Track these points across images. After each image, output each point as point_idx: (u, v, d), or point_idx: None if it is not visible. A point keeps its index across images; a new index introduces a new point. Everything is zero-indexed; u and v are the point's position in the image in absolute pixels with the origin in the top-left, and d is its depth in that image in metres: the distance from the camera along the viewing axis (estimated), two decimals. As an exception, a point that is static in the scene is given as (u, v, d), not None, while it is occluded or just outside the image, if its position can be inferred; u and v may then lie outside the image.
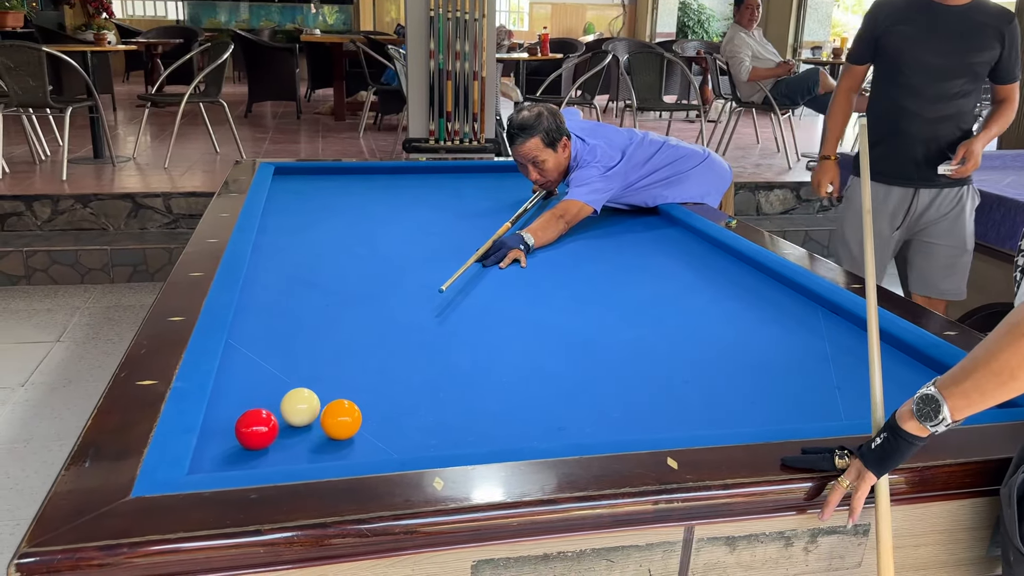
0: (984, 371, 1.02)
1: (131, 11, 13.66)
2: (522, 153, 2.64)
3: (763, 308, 1.95)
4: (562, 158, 2.67)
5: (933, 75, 2.54)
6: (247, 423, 1.23)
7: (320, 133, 7.65)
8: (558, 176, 2.73)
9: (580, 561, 1.09)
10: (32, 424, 3.08)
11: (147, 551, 0.96)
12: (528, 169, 2.69)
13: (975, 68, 2.55)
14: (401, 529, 1.03)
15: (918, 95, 2.56)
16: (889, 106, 2.63)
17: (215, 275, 1.93)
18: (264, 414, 1.24)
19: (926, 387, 1.08)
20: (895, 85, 2.61)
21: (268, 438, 1.24)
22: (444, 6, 4.67)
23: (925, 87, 2.55)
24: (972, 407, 1.05)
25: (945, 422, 1.06)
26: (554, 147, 2.63)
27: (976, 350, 1.05)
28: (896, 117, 2.61)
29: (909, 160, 2.62)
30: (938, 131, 2.59)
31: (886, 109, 2.64)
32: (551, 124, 2.61)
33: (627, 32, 13.98)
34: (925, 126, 2.59)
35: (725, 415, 1.41)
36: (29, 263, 4.63)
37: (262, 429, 1.23)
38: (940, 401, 1.06)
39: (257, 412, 1.24)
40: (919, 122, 2.58)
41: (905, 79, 2.58)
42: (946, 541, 1.21)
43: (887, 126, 2.63)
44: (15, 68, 5.21)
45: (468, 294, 2.01)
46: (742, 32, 6.43)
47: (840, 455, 1.14)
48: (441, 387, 1.49)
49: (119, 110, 8.82)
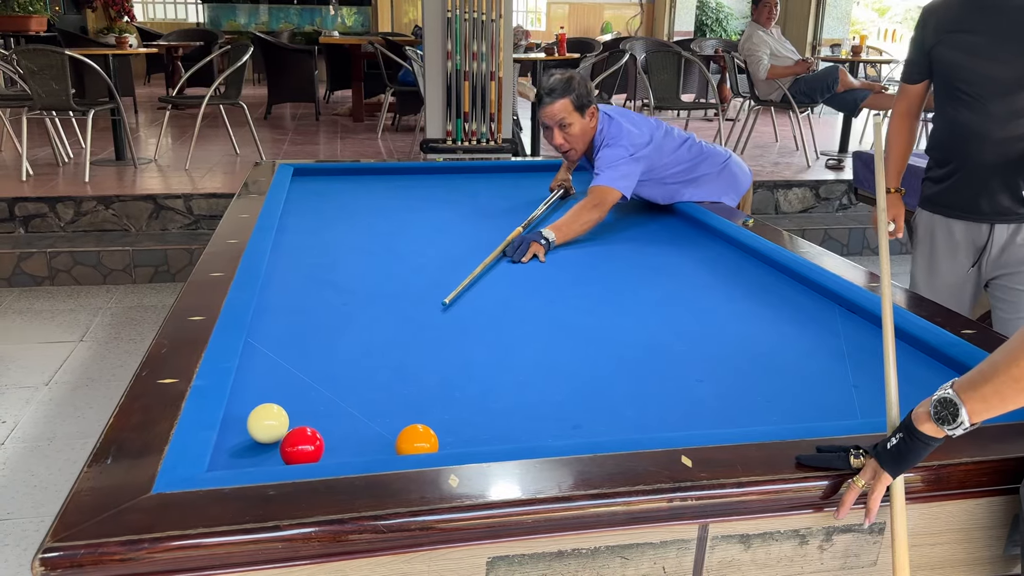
0: (1004, 376, 1.02)
1: (151, 14, 13.80)
2: (550, 114, 2.64)
3: (780, 307, 1.95)
4: (589, 126, 2.67)
5: (1001, 88, 2.14)
6: (292, 442, 1.21)
7: (339, 134, 7.69)
8: (582, 146, 2.71)
9: (595, 558, 1.10)
10: (55, 423, 3.12)
11: (168, 546, 0.98)
12: (553, 133, 2.67)
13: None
14: (417, 525, 1.04)
15: (984, 113, 2.18)
16: (950, 129, 2.26)
17: (235, 275, 1.95)
18: (309, 432, 1.23)
19: (943, 389, 1.08)
20: (955, 104, 2.24)
21: (315, 456, 1.21)
22: (461, 7, 4.69)
23: (992, 104, 2.16)
24: (991, 411, 1.05)
25: (963, 426, 1.06)
26: (582, 112, 2.63)
27: (996, 354, 1.04)
28: (960, 142, 2.24)
29: (978, 190, 2.23)
30: (1010, 154, 2.17)
31: (947, 133, 2.28)
32: (582, 89, 2.62)
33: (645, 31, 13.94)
34: (995, 149, 2.18)
35: (740, 413, 1.41)
36: (52, 264, 4.69)
37: (308, 448, 1.21)
38: (959, 405, 1.05)
39: (303, 431, 1.23)
40: (987, 145, 2.18)
41: (966, 96, 2.20)
42: (963, 540, 1.21)
43: (950, 153, 2.28)
44: (39, 71, 5.28)
45: (483, 293, 2.02)
46: (760, 30, 6.41)
47: (855, 454, 1.14)
48: (456, 385, 1.50)
49: (140, 112, 8.91)
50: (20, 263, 4.66)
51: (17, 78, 5.84)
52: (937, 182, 2.32)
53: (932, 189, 2.34)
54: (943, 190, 2.30)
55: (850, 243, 5.53)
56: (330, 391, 1.45)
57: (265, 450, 1.25)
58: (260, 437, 1.25)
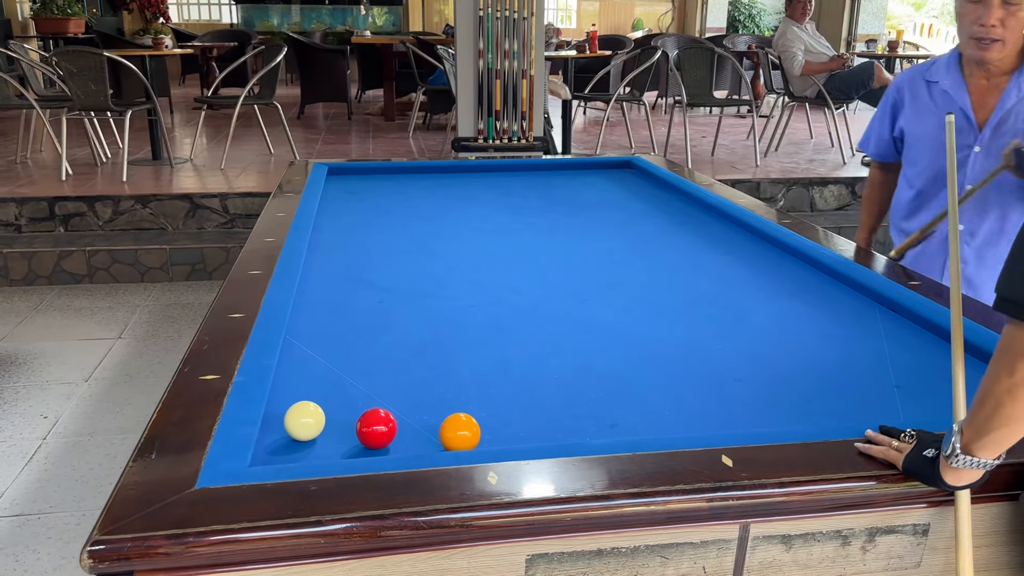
0: (987, 402, 1.03)
1: (186, 15, 13.98)
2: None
3: (819, 305, 1.93)
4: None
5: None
6: (368, 423, 1.24)
7: (370, 133, 7.74)
8: (1014, 44, 2.09)
9: (634, 557, 1.09)
10: (95, 418, 3.18)
11: (212, 540, 0.99)
12: (991, 9, 2.02)
13: None
14: (456, 522, 1.04)
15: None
16: None
17: (273, 273, 1.97)
18: (383, 413, 1.26)
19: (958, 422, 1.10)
20: None
21: (389, 437, 1.25)
22: (493, 5, 4.69)
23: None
24: (987, 442, 1.04)
25: (956, 454, 1.06)
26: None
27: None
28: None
29: None
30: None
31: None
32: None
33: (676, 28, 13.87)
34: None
35: (779, 413, 1.40)
36: (91, 262, 4.78)
37: (382, 428, 1.24)
38: (953, 432, 1.07)
39: (376, 412, 1.26)
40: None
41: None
42: (1008, 543, 1.19)
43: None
44: (78, 73, 5.38)
45: (517, 291, 2.02)
46: (794, 26, 6.35)
47: (907, 436, 1.16)
48: (492, 383, 1.50)
49: (176, 112, 9.03)
50: (60, 261, 4.75)
51: (57, 79, 5.95)
52: None
53: None
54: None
55: (886, 241, 5.45)
56: (368, 388, 1.46)
57: (305, 446, 1.26)
58: (297, 434, 1.27)
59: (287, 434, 1.28)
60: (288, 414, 1.28)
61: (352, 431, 1.28)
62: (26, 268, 4.73)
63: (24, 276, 4.73)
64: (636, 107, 9.39)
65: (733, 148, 7.11)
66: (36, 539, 2.47)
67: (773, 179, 5.80)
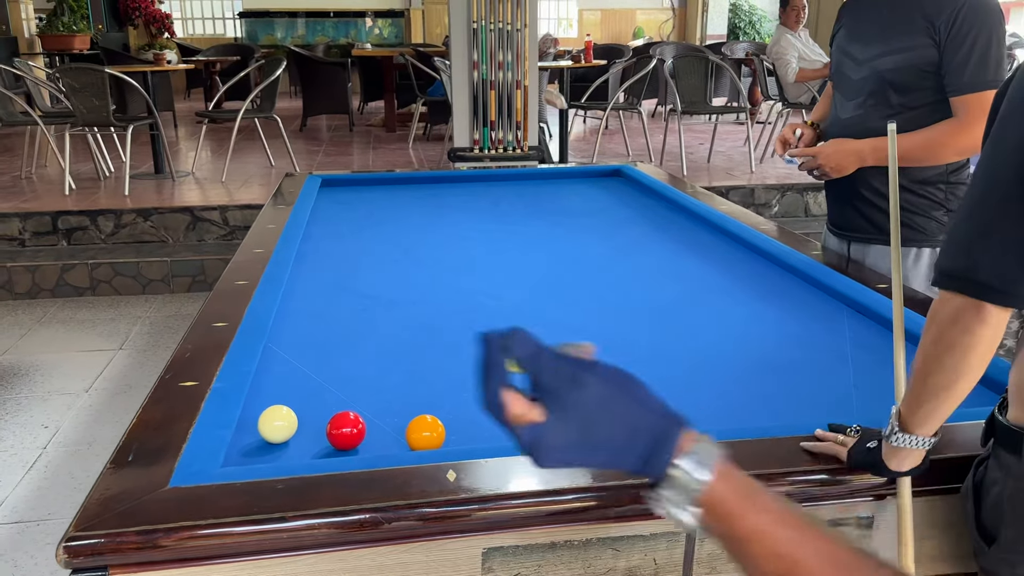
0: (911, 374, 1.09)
1: (191, 30, 14.11)
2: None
3: (788, 308, 1.97)
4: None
5: (849, 91, 2.13)
6: (337, 425, 1.30)
7: (371, 144, 7.82)
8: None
9: (587, 550, 1.14)
10: (95, 428, 3.24)
11: (180, 536, 1.04)
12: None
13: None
14: (416, 517, 1.10)
15: (837, 120, 2.19)
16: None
17: (259, 283, 2.03)
18: (352, 416, 1.31)
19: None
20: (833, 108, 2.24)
21: (357, 439, 1.30)
22: (487, 17, 4.76)
23: (843, 109, 2.16)
24: (921, 417, 1.09)
25: (896, 432, 1.11)
26: None
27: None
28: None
29: (836, 203, 2.27)
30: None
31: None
32: None
33: (677, 35, 13.93)
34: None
35: (736, 412, 1.45)
36: (94, 275, 4.85)
37: (350, 431, 1.30)
38: (892, 413, 1.12)
39: (345, 415, 1.32)
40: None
41: (836, 100, 2.22)
42: (951, 535, 1.23)
43: None
44: (80, 89, 5.47)
45: (496, 297, 2.08)
46: (788, 34, 6.40)
47: (851, 431, 1.22)
48: (465, 387, 1.55)
49: (180, 126, 9.13)
50: (63, 274, 4.83)
51: (61, 96, 6.05)
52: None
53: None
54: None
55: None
56: (342, 392, 1.51)
57: (277, 448, 1.32)
58: (270, 437, 1.32)
59: (261, 437, 1.33)
60: (261, 417, 1.34)
61: (323, 433, 1.33)
62: (30, 282, 4.81)
63: (28, 289, 4.81)
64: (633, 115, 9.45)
65: (729, 155, 7.16)
66: (35, 545, 2.53)
67: (768, 185, 5.84)
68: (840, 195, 2.21)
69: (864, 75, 2.05)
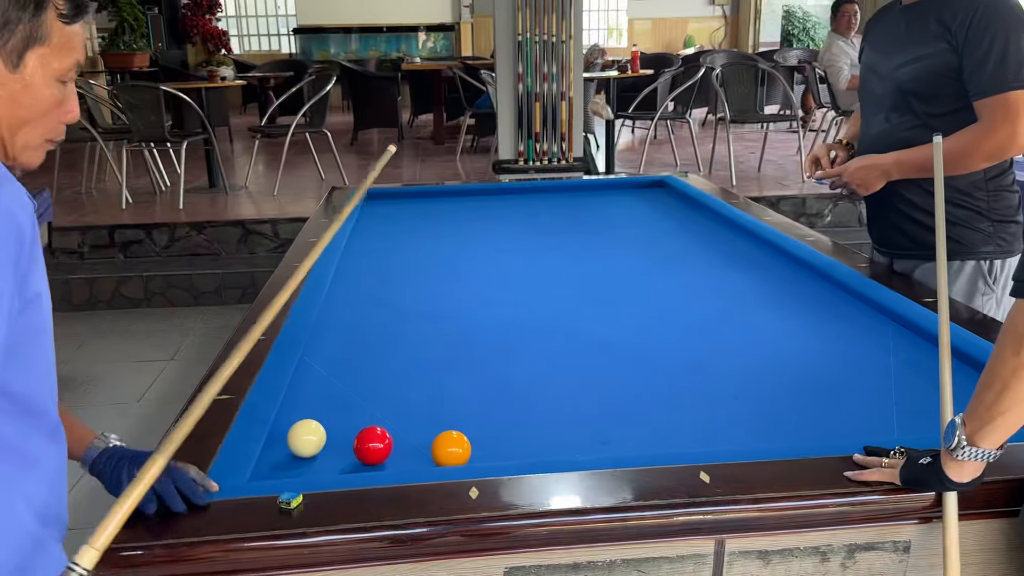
0: (988, 392, 1.03)
1: (247, 47, 14.41)
2: None
3: (832, 322, 1.92)
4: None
5: (874, 107, 2.08)
6: (365, 440, 1.30)
7: (420, 157, 7.88)
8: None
9: (610, 571, 1.12)
10: (145, 438, 3.31)
11: (204, 550, 1.06)
12: None
13: None
14: (437, 535, 1.09)
15: (867, 135, 2.12)
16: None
17: (296, 297, 2.05)
18: (379, 431, 1.31)
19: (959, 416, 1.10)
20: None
21: (384, 454, 1.30)
22: (531, 30, 4.76)
23: (872, 125, 2.11)
24: (993, 429, 1.05)
25: (963, 446, 1.06)
26: None
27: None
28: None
29: (875, 221, 2.20)
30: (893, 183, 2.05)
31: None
32: None
33: (729, 43, 13.78)
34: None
35: (772, 430, 1.41)
36: (148, 287, 4.97)
37: (378, 445, 1.30)
38: (957, 425, 1.07)
39: (372, 430, 1.32)
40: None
41: (865, 116, 2.16)
42: (995, 560, 1.18)
43: None
44: (137, 106, 5.62)
45: (530, 310, 2.07)
46: (840, 40, 6.28)
47: (896, 452, 1.17)
48: (492, 402, 1.55)
49: (235, 141, 9.32)
50: (119, 286, 4.95)
51: (119, 112, 6.23)
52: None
53: None
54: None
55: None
56: (372, 407, 1.51)
57: (306, 462, 1.33)
58: (299, 451, 1.33)
59: (290, 450, 1.34)
60: (291, 431, 1.35)
61: (351, 448, 1.33)
62: (87, 293, 4.95)
63: (86, 301, 4.95)
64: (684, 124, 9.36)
65: (781, 164, 7.04)
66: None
67: (820, 195, 5.72)
68: (876, 212, 2.15)
69: (886, 88, 2.01)
